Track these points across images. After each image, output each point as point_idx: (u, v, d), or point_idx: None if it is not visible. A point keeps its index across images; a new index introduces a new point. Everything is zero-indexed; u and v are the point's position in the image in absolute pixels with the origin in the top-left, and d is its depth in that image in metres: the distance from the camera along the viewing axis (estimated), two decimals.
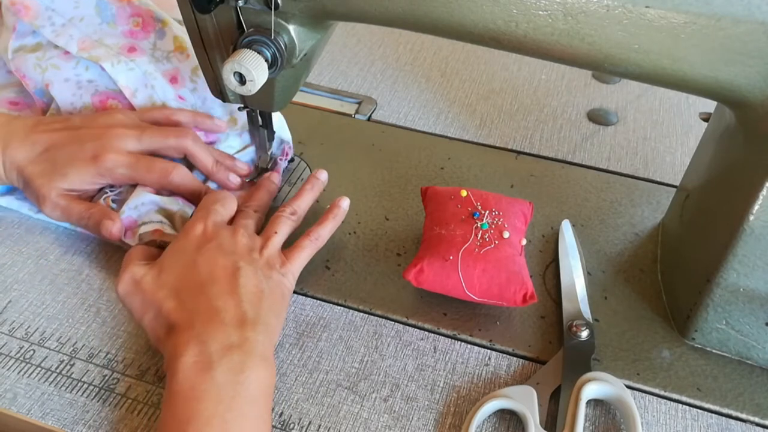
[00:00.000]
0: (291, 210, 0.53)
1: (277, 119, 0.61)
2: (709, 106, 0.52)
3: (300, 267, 0.51)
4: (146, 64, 0.60)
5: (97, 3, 0.61)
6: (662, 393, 0.47)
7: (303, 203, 0.55)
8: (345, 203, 0.55)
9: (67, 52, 0.60)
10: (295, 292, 0.53)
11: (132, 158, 0.54)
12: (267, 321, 0.45)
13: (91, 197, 0.56)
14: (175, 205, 0.56)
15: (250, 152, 0.62)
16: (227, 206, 0.52)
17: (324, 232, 0.53)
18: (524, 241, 0.52)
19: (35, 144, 0.54)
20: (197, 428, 0.39)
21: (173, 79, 0.61)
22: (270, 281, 0.47)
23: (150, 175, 0.54)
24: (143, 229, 0.53)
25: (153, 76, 0.60)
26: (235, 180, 0.59)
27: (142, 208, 0.54)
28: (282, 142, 0.63)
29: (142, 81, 0.60)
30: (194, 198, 0.56)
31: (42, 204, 0.54)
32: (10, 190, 0.59)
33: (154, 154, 0.56)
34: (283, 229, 0.52)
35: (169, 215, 0.55)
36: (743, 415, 0.46)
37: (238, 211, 0.53)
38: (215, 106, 0.62)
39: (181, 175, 0.55)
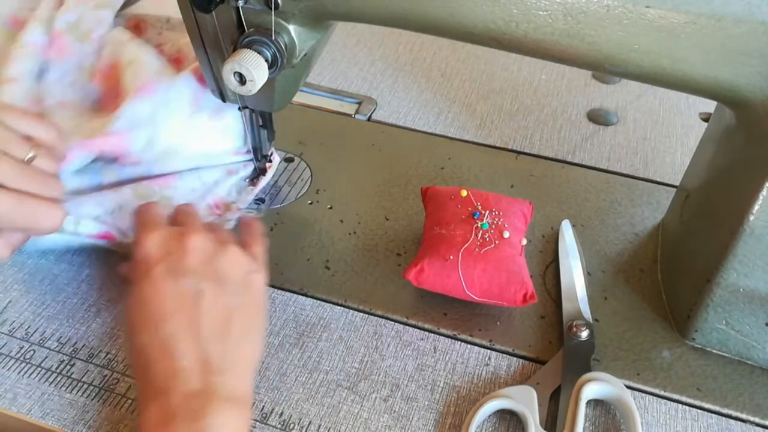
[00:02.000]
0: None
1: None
2: (709, 106, 0.52)
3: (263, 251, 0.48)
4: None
5: None
6: (662, 393, 0.47)
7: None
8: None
9: None
10: (294, 292, 0.53)
11: None
12: (236, 355, 0.41)
13: None
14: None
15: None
16: (159, 210, 0.47)
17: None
18: (524, 241, 0.52)
19: None
20: None
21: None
22: (242, 293, 0.43)
23: None
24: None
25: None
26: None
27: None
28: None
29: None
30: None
31: None
32: None
33: None
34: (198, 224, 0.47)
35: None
36: (743, 415, 0.46)
37: (179, 210, 0.49)
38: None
39: None
